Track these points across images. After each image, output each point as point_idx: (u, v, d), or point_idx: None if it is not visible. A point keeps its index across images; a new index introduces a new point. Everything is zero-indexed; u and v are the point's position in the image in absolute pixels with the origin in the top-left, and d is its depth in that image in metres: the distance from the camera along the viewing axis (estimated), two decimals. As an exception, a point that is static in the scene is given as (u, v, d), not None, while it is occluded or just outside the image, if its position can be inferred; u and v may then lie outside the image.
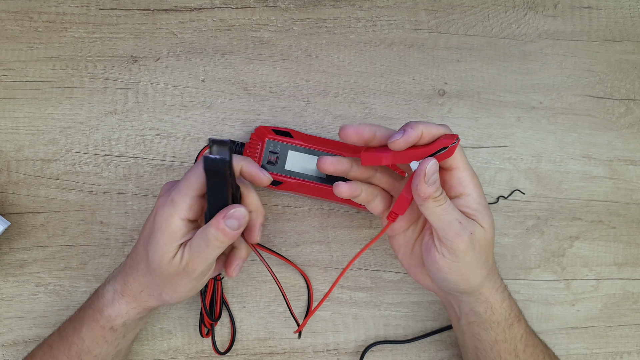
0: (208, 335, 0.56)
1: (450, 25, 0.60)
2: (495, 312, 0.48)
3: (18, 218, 0.56)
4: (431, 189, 0.42)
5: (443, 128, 0.44)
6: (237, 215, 0.42)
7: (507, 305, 0.49)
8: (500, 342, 0.49)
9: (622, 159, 0.61)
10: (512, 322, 0.49)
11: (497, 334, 0.49)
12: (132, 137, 0.57)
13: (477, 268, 0.46)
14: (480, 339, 0.50)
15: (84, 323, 0.47)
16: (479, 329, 0.49)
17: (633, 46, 0.62)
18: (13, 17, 0.56)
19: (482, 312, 0.48)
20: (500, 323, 0.49)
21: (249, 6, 0.58)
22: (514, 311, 0.49)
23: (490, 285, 0.48)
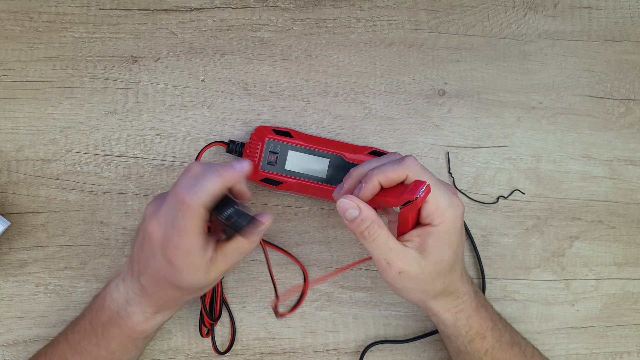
0: (208, 335, 0.56)
1: (450, 25, 0.60)
2: (448, 327, 0.49)
3: (18, 218, 0.56)
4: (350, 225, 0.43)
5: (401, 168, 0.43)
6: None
7: (463, 325, 0.49)
8: (463, 352, 0.50)
9: (622, 159, 0.61)
10: (473, 338, 0.49)
11: (459, 346, 0.50)
12: (132, 137, 0.57)
13: (412, 294, 0.47)
14: (446, 344, 0.52)
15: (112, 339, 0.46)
16: (442, 335, 0.52)
17: (633, 46, 0.62)
18: (13, 17, 0.56)
19: (436, 323, 0.50)
20: (457, 337, 0.50)
21: (249, 6, 0.58)
22: (474, 329, 0.49)
23: (439, 306, 0.48)
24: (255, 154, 0.54)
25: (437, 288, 0.47)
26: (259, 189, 0.57)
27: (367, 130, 0.58)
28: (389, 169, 0.44)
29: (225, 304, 0.56)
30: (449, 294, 0.48)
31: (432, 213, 0.44)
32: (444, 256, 0.45)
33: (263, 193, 0.57)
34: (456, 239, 0.45)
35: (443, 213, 0.44)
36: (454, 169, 0.59)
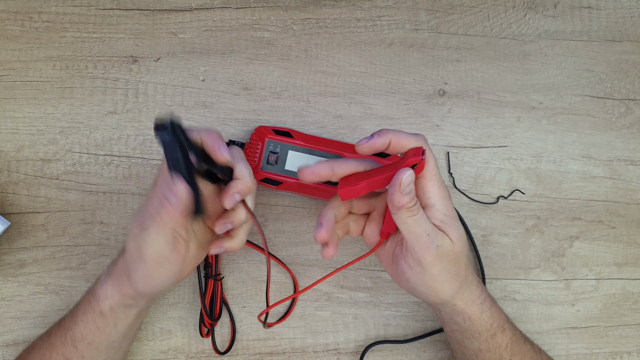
0: (208, 335, 0.56)
1: (450, 25, 0.60)
2: (474, 322, 0.49)
3: (18, 218, 0.56)
4: (405, 198, 0.42)
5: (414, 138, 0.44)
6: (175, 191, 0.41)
7: (488, 317, 0.49)
8: (484, 351, 0.49)
9: (622, 159, 0.61)
10: (495, 332, 0.49)
11: (480, 344, 0.49)
12: (132, 137, 0.57)
13: (445, 281, 0.46)
14: (465, 346, 0.50)
15: (79, 307, 0.48)
16: (462, 337, 0.50)
17: (633, 46, 0.62)
18: (13, 17, 0.56)
19: (461, 322, 0.49)
20: (481, 333, 0.49)
21: (249, 6, 0.58)
22: (496, 321, 0.49)
23: (465, 298, 0.48)
24: (255, 154, 0.54)
25: (462, 272, 0.47)
26: (259, 189, 0.57)
27: (367, 130, 0.58)
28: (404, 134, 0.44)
29: (226, 304, 0.56)
30: (470, 282, 0.48)
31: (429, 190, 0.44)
32: (460, 232, 0.45)
33: (263, 193, 0.57)
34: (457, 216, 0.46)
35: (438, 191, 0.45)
36: (454, 169, 0.59)
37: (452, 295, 0.47)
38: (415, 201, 0.43)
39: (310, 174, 0.45)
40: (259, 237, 0.57)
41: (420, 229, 0.43)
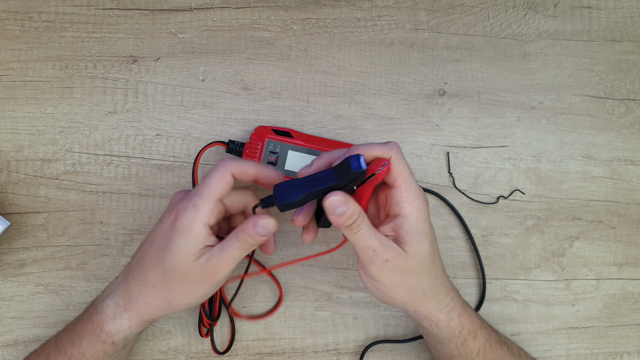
0: (207, 335, 0.56)
1: (450, 25, 0.60)
2: (442, 329, 0.49)
3: (18, 218, 0.55)
4: (339, 220, 0.43)
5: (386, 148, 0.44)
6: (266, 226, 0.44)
7: (456, 324, 0.49)
8: (455, 356, 0.50)
9: (622, 159, 0.61)
10: (465, 338, 0.49)
11: (452, 349, 0.49)
12: (132, 137, 0.57)
13: (401, 290, 0.46)
14: (437, 350, 0.51)
15: (83, 337, 0.47)
16: (433, 341, 0.51)
17: (633, 46, 0.62)
18: (13, 17, 0.56)
19: (429, 328, 0.49)
20: (451, 340, 0.49)
21: (249, 6, 0.58)
22: (466, 328, 0.49)
23: (430, 306, 0.48)
24: (255, 154, 0.54)
25: (424, 283, 0.47)
26: (259, 189, 0.57)
27: (367, 130, 0.58)
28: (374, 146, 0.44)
29: (225, 304, 0.56)
30: (437, 292, 0.48)
31: (402, 200, 0.44)
32: (422, 246, 0.45)
33: (263, 193, 0.57)
34: (428, 229, 0.46)
35: (413, 201, 0.44)
36: (454, 169, 0.59)
37: (410, 303, 0.48)
38: (354, 219, 0.43)
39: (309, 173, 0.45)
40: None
41: (363, 245, 0.44)
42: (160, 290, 0.45)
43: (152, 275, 0.45)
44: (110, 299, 0.47)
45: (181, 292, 0.45)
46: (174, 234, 0.43)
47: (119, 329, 0.46)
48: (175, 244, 0.43)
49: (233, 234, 0.44)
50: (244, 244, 0.44)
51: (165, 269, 0.44)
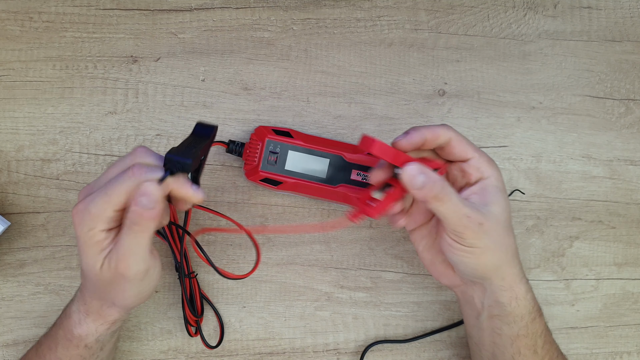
0: (197, 334, 0.56)
1: (450, 25, 0.60)
2: (519, 303, 0.48)
3: (18, 218, 0.56)
4: (422, 192, 0.43)
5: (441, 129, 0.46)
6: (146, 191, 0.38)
7: (531, 298, 0.48)
8: (521, 337, 0.48)
9: (622, 159, 0.61)
10: (535, 316, 0.49)
11: (520, 329, 0.48)
12: (132, 137, 0.57)
13: (496, 252, 0.46)
14: (501, 333, 0.49)
15: (58, 343, 0.47)
16: (501, 322, 0.48)
17: (633, 46, 0.62)
18: (13, 17, 0.56)
19: (507, 303, 0.47)
20: (524, 317, 0.48)
21: (249, 6, 0.58)
22: (536, 305, 0.49)
23: (514, 273, 0.48)
24: (255, 154, 0.54)
25: (512, 243, 0.47)
26: (259, 189, 0.57)
27: (367, 130, 0.58)
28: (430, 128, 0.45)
29: (207, 299, 0.56)
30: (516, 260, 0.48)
31: (481, 164, 0.46)
32: (506, 204, 0.46)
33: (263, 193, 0.57)
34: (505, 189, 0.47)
35: (489, 163, 0.46)
36: (454, 169, 0.59)
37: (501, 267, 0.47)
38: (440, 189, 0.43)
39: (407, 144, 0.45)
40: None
41: (457, 213, 0.44)
42: (100, 293, 0.44)
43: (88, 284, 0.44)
44: (74, 303, 0.46)
45: (114, 294, 0.43)
46: (78, 244, 0.41)
47: (87, 332, 0.45)
48: (82, 253, 0.41)
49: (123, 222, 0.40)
50: (135, 227, 0.39)
51: (88, 279, 0.43)
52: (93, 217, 0.40)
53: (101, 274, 0.41)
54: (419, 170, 0.43)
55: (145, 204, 0.38)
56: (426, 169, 0.43)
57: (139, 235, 0.40)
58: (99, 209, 0.40)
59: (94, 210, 0.40)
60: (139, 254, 0.41)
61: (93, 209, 0.40)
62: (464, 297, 0.51)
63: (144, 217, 0.39)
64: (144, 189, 0.38)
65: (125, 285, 0.42)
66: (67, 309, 0.48)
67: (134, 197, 0.39)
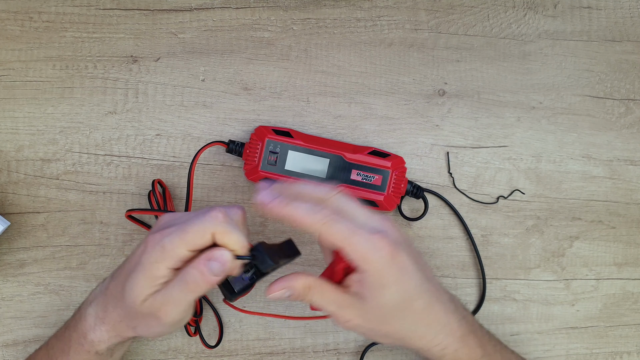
0: (196, 334, 0.56)
1: (450, 25, 0.60)
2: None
3: (18, 218, 0.56)
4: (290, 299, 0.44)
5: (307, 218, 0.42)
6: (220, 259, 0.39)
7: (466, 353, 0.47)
8: None
9: (622, 159, 0.61)
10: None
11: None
12: (132, 137, 0.57)
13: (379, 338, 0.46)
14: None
15: (71, 346, 0.46)
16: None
17: (633, 46, 0.62)
18: (13, 17, 0.56)
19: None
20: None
21: (249, 6, 0.58)
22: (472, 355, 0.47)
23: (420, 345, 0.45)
24: (255, 154, 0.54)
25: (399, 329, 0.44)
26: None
27: (367, 130, 0.58)
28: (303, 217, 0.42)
29: (206, 299, 0.56)
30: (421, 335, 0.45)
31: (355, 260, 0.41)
32: (384, 299, 0.42)
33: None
34: (392, 279, 0.42)
35: (365, 258, 0.41)
36: (454, 169, 0.59)
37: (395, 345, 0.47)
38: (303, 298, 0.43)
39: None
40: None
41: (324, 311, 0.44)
42: (127, 315, 0.44)
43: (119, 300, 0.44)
44: (92, 307, 0.46)
45: (141, 325, 0.43)
46: (136, 267, 0.41)
47: (99, 339, 0.45)
48: (134, 277, 0.41)
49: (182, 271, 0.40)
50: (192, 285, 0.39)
51: (124, 300, 0.43)
52: (164, 252, 0.40)
53: (139, 305, 0.41)
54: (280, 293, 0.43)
55: (215, 270, 0.39)
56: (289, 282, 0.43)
57: (192, 293, 0.40)
58: (174, 245, 0.39)
59: (168, 246, 0.40)
60: (183, 307, 0.41)
61: (168, 244, 0.40)
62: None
63: (206, 281, 0.39)
64: (221, 256, 0.39)
65: (154, 324, 0.43)
66: (82, 310, 0.47)
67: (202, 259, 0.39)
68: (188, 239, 0.40)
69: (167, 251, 0.40)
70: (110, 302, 0.45)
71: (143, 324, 0.43)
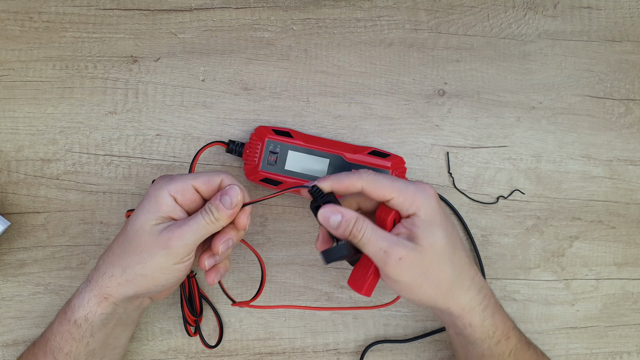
0: (196, 334, 0.56)
1: (450, 25, 0.60)
2: (475, 330, 0.47)
3: (18, 218, 0.56)
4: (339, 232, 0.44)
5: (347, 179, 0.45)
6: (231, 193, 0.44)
7: (490, 324, 0.47)
8: (487, 356, 0.48)
9: (621, 159, 0.61)
10: (499, 340, 0.48)
11: (484, 350, 0.48)
12: (132, 137, 0.57)
13: (426, 287, 0.45)
14: (468, 350, 0.49)
15: (57, 317, 0.48)
16: (465, 341, 0.49)
17: (633, 46, 0.62)
18: (13, 17, 0.56)
19: (462, 328, 0.48)
20: (484, 340, 0.48)
21: (249, 6, 0.58)
22: (499, 329, 0.48)
23: (462, 303, 0.46)
24: (255, 154, 0.54)
25: (448, 276, 0.45)
26: (259, 189, 0.57)
27: (367, 130, 0.58)
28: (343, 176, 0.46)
29: (206, 299, 0.56)
30: (467, 287, 0.46)
31: (402, 203, 0.45)
32: (436, 238, 0.44)
33: (263, 193, 0.57)
34: (440, 219, 0.45)
35: (413, 200, 0.44)
36: (454, 169, 0.59)
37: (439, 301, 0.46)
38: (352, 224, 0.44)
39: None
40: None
41: (373, 248, 0.44)
42: (118, 257, 0.45)
43: (115, 243, 0.46)
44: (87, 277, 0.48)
45: (137, 258, 0.44)
46: (144, 198, 0.45)
47: (80, 303, 0.46)
48: (140, 207, 0.45)
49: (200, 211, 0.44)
50: (208, 217, 0.44)
51: (127, 232, 0.45)
52: (170, 182, 0.44)
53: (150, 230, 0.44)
54: (332, 211, 0.44)
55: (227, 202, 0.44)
56: (342, 209, 0.44)
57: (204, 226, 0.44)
58: (181, 179, 0.45)
59: (176, 178, 0.45)
60: (193, 240, 0.44)
61: (176, 177, 0.45)
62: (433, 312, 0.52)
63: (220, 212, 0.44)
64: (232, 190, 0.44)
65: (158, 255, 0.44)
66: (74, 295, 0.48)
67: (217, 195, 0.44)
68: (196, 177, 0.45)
69: (173, 180, 0.45)
70: (102, 258, 0.47)
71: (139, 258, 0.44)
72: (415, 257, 0.44)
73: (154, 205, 0.44)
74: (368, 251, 0.44)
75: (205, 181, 0.45)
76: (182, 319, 0.55)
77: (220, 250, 0.46)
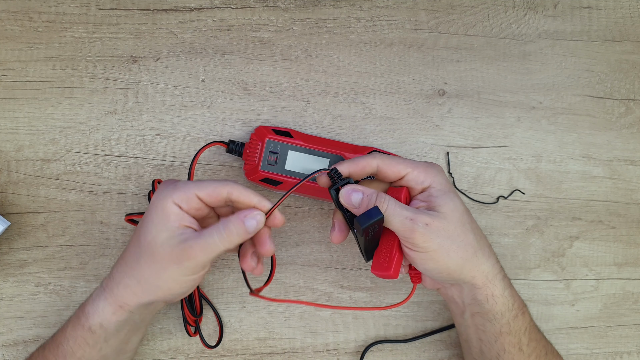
0: (196, 334, 0.56)
1: (450, 25, 0.60)
2: (497, 300, 0.48)
3: (18, 218, 0.56)
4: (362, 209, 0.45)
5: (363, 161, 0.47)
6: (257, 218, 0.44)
7: (509, 294, 0.48)
8: (504, 334, 0.48)
9: (622, 159, 0.61)
10: (517, 313, 0.49)
11: (502, 326, 0.48)
12: (132, 137, 0.57)
13: (452, 253, 0.46)
14: (485, 330, 0.49)
15: (69, 322, 0.47)
16: (483, 319, 0.49)
17: (633, 46, 0.62)
18: (13, 17, 0.56)
19: (484, 300, 0.48)
20: (504, 314, 0.48)
21: (249, 6, 0.58)
22: (517, 302, 0.49)
23: (483, 270, 0.47)
24: (255, 154, 0.54)
25: (472, 240, 0.46)
26: (259, 189, 0.57)
27: (367, 130, 0.58)
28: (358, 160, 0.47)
29: (206, 299, 0.56)
30: (488, 254, 0.48)
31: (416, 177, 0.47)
32: (455, 203, 0.46)
33: (263, 193, 0.57)
34: (453, 189, 0.48)
35: (427, 174, 0.47)
36: (454, 169, 0.59)
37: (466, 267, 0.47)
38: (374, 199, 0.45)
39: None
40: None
41: (398, 218, 0.45)
42: (131, 268, 0.45)
43: (128, 253, 0.46)
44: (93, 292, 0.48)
45: (150, 270, 0.44)
46: (150, 209, 0.44)
47: (94, 310, 0.46)
48: (149, 218, 0.44)
49: (218, 222, 0.44)
50: (228, 235, 0.43)
51: (139, 244, 0.44)
52: (174, 191, 0.44)
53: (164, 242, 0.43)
54: (353, 189, 0.45)
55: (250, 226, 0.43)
56: (361, 187, 0.45)
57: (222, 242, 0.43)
58: (185, 189, 0.44)
59: (179, 187, 0.44)
60: (209, 254, 0.43)
61: (180, 186, 0.44)
62: (447, 297, 0.52)
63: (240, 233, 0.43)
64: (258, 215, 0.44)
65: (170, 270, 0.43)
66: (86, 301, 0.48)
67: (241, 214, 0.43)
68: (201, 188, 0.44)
69: (177, 189, 0.44)
70: (116, 266, 0.47)
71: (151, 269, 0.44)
72: (440, 223, 0.45)
73: (162, 218, 0.43)
74: (393, 222, 0.45)
75: (211, 192, 0.44)
76: (182, 319, 0.55)
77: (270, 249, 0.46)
